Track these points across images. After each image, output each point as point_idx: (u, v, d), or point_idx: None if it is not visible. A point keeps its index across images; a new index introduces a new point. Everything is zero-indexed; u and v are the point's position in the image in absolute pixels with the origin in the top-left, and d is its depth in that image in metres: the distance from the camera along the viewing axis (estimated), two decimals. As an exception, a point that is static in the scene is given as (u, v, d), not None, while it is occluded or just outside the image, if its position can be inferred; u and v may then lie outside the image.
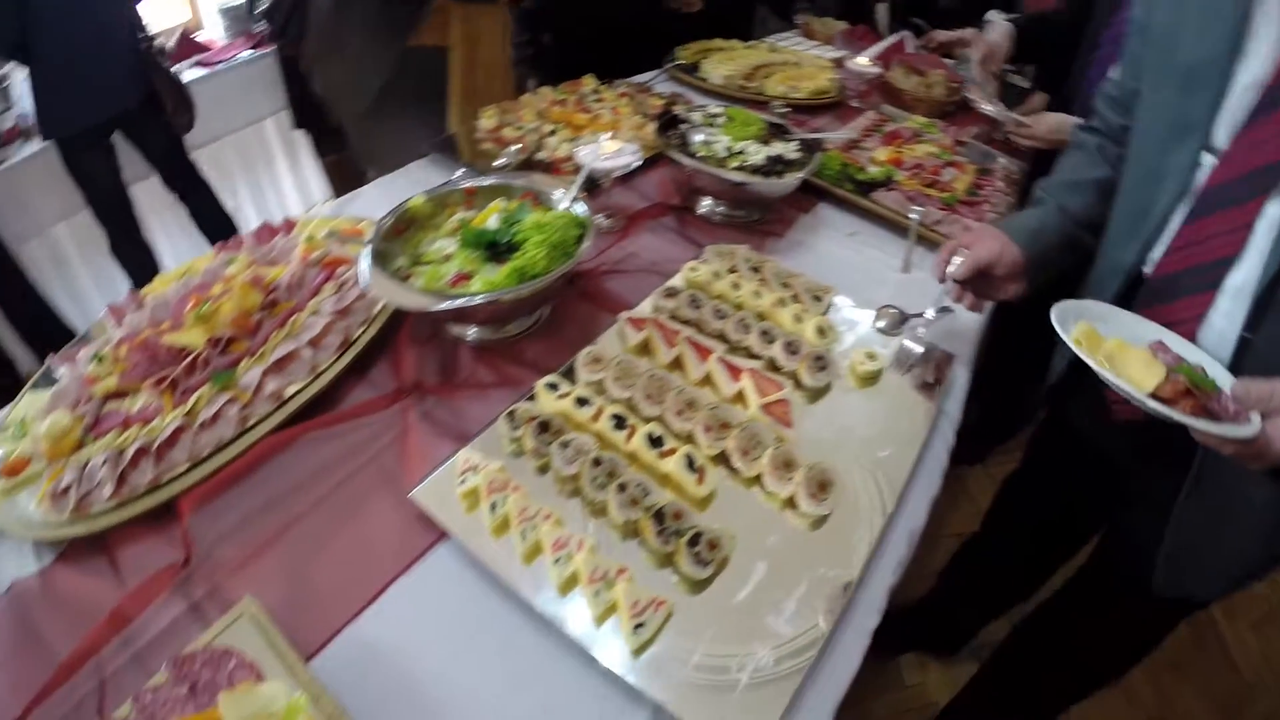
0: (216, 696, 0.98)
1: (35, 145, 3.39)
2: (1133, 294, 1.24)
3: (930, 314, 1.46)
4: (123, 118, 3.35)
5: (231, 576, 1.17)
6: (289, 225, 1.72)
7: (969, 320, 1.57)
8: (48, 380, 1.54)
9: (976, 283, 1.40)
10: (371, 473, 1.24)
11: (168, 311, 1.54)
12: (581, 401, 1.25)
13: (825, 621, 1.02)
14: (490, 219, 1.45)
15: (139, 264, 3.64)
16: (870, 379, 1.41)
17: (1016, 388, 1.93)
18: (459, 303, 1.27)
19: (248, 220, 4.26)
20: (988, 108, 2.42)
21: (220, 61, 4.01)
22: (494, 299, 1.28)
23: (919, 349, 1.45)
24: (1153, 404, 1.01)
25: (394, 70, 2.30)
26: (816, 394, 1.38)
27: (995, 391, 1.66)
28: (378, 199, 1.83)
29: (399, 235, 1.47)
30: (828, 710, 0.98)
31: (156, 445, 1.27)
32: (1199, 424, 0.97)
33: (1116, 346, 1.10)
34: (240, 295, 1.45)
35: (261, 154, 4.36)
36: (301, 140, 4.22)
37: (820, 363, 1.39)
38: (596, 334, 1.43)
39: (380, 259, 1.37)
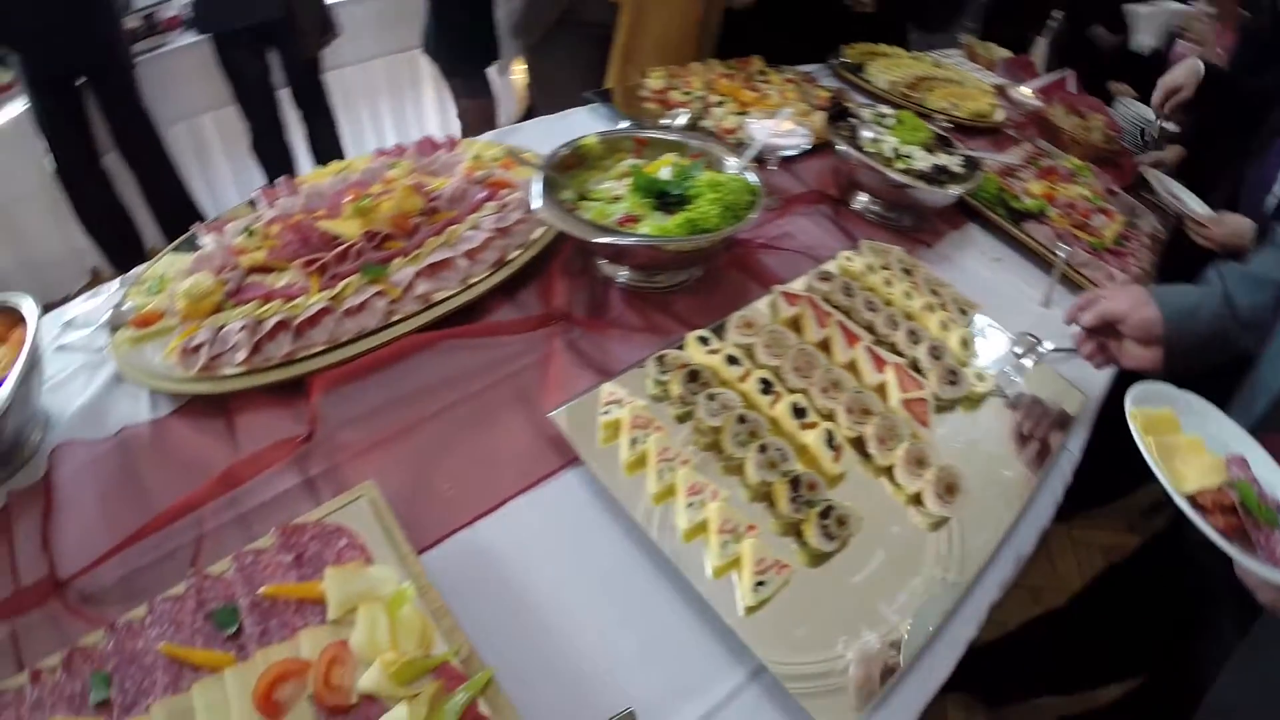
0: (322, 570, 1.00)
1: (194, 35, 3.53)
2: None
3: (1048, 345, 1.43)
4: (270, 25, 3.45)
5: (352, 460, 1.19)
6: (451, 142, 1.74)
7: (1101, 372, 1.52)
8: (190, 246, 1.58)
9: (1103, 335, 1.34)
10: (508, 388, 1.25)
11: (323, 200, 1.56)
12: (732, 360, 1.24)
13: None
14: (663, 170, 1.45)
15: (278, 162, 3.75)
16: (978, 399, 1.39)
17: (1121, 459, 1.86)
18: (629, 239, 1.27)
19: (385, 144, 4.33)
20: (1165, 196, 2.33)
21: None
22: (664, 243, 1.28)
23: (1018, 379, 1.42)
24: (1185, 505, 0.96)
25: (563, 13, 2.33)
26: (952, 402, 1.36)
27: (1101, 456, 1.59)
28: (537, 136, 1.84)
29: (567, 170, 1.48)
30: (916, 708, 0.97)
31: (298, 321, 1.29)
32: (1223, 544, 0.92)
33: (1188, 443, 1.05)
34: (402, 197, 1.47)
35: (409, 81, 4.40)
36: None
37: (959, 374, 1.37)
38: (744, 302, 1.41)
39: (549, 187, 1.37)
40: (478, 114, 3.86)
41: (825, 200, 1.83)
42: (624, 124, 1.81)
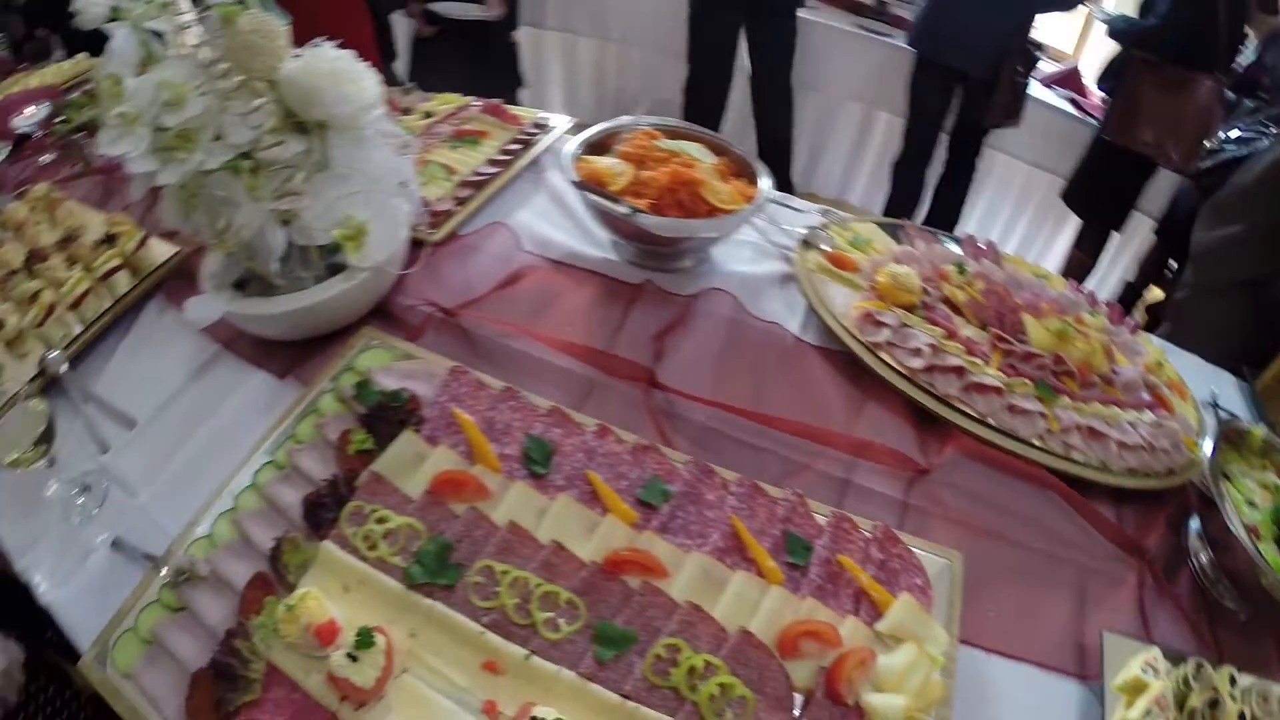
0: (891, 582, 1.21)
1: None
2: None
3: None
4: (970, 76, 3.61)
5: (939, 519, 1.40)
6: (1134, 326, 1.85)
7: None
8: (891, 231, 1.88)
9: None
10: (1076, 575, 1.40)
11: (1019, 289, 1.75)
12: (1241, 717, 1.33)
13: None
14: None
15: (904, 191, 4.08)
16: None
17: None
18: (1253, 551, 1.35)
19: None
20: None
21: (1082, 109, 4.03)
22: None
23: None
24: None
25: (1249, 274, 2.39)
26: None
27: None
28: (1181, 365, 1.90)
29: (1227, 441, 1.56)
30: None
31: (972, 380, 1.49)
32: None
33: None
34: (1095, 350, 1.62)
35: (1030, 197, 4.47)
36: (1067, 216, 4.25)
37: None
38: (1262, 672, 1.44)
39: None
40: (1080, 265, 3.97)
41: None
42: (1260, 425, 1.86)
